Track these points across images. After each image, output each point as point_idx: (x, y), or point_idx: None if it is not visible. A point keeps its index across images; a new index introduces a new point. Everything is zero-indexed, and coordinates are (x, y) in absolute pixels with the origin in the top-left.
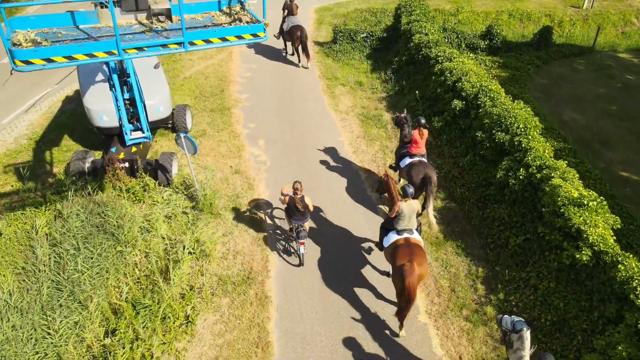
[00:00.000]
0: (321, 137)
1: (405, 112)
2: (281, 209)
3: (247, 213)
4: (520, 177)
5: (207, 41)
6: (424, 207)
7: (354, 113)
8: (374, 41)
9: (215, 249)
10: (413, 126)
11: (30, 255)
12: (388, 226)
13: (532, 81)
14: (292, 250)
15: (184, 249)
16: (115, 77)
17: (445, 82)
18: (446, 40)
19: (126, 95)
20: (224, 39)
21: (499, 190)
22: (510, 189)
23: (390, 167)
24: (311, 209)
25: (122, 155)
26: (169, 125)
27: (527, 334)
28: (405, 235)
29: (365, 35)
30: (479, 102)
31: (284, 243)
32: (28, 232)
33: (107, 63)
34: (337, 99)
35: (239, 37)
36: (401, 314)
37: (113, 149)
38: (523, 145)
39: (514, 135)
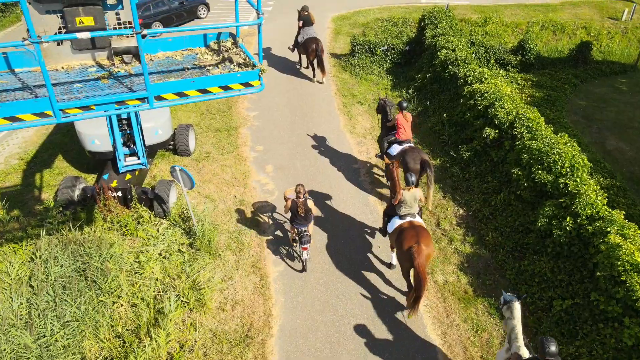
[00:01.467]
0: (335, 164)
1: (386, 96)
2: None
3: (251, 253)
4: (567, 227)
5: (182, 94)
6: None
7: (372, 136)
8: (395, 55)
9: (212, 297)
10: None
11: None
12: (391, 212)
13: (569, 103)
14: (296, 255)
15: (176, 298)
16: None
17: (476, 106)
18: (474, 55)
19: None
20: (204, 91)
21: (540, 240)
22: (554, 240)
23: (377, 156)
24: (314, 213)
25: (114, 184)
26: (170, 147)
27: (516, 305)
28: (409, 219)
29: (385, 48)
30: (514, 132)
31: (287, 248)
32: (2, 276)
33: None
34: (354, 119)
35: (225, 88)
36: (414, 301)
37: (105, 176)
38: (570, 189)
39: (558, 176)
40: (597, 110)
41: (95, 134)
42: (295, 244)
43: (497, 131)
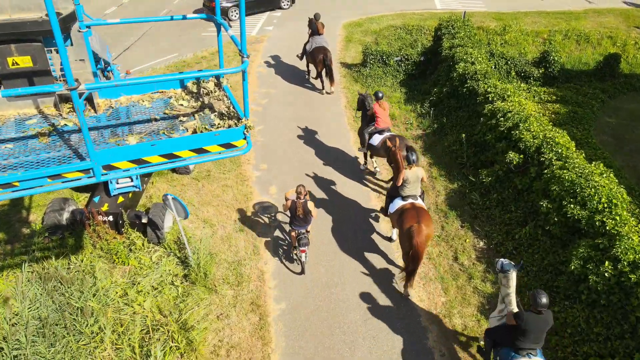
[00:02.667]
0: (343, 187)
1: (366, 92)
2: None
3: (250, 288)
4: (605, 273)
5: (140, 161)
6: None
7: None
8: (409, 66)
9: (205, 339)
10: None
11: None
12: (394, 193)
13: (597, 121)
14: (295, 258)
15: (165, 342)
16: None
17: (498, 127)
18: (494, 67)
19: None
20: (170, 156)
21: (573, 284)
22: (589, 286)
23: (359, 149)
24: (314, 215)
25: (105, 207)
26: None
27: (512, 275)
28: (410, 200)
29: (399, 58)
30: (542, 159)
31: (286, 249)
32: None
33: None
34: None
35: (200, 151)
36: (409, 274)
37: (96, 199)
38: (608, 228)
39: (593, 212)
40: (628, 129)
41: None
42: (294, 250)
43: (521, 156)
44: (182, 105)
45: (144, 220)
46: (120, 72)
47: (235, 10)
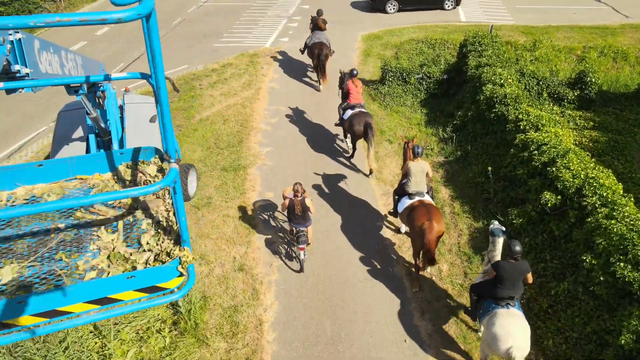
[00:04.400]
0: (354, 222)
1: (345, 71)
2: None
3: (246, 340)
4: None
5: (5, 325)
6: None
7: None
8: (431, 84)
9: None
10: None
11: None
12: (400, 192)
13: None
14: (294, 255)
15: None
16: (92, 137)
17: (531, 161)
18: (524, 87)
19: None
20: (50, 314)
21: None
22: None
23: (335, 124)
24: (313, 212)
25: None
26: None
27: (499, 239)
28: (418, 198)
29: (420, 76)
30: (583, 202)
31: (286, 247)
32: None
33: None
34: (381, 161)
35: (107, 301)
36: (418, 270)
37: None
38: None
39: None
40: None
41: None
42: (294, 246)
43: (559, 197)
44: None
45: None
46: (115, 91)
47: (392, 3)
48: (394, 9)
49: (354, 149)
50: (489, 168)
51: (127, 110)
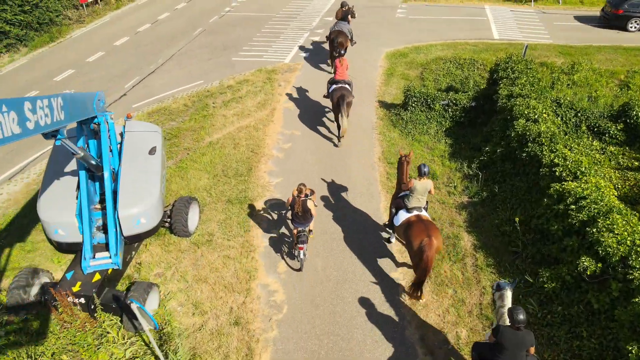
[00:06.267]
0: (365, 272)
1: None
2: None
3: None
4: None
5: None
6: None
7: None
8: (458, 112)
9: None
10: None
11: None
12: (398, 205)
13: None
14: (295, 255)
15: None
16: (82, 174)
17: (567, 217)
18: (560, 118)
19: (95, 199)
20: None
21: None
22: None
23: (324, 96)
24: (314, 214)
25: (77, 287)
26: (166, 225)
27: (508, 293)
28: (415, 212)
29: (446, 102)
30: (630, 276)
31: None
32: None
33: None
34: None
35: None
36: (419, 283)
37: (68, 275)
38: None
39: None
40: None
41: (60, 222)
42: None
43: (599, 264)
44: None
45: (122, 305)
46: (113, 121)
47: (636, 22)
48: (636, 27)
49: (336, 121)
50: (517, 219)
51: (126, 140)
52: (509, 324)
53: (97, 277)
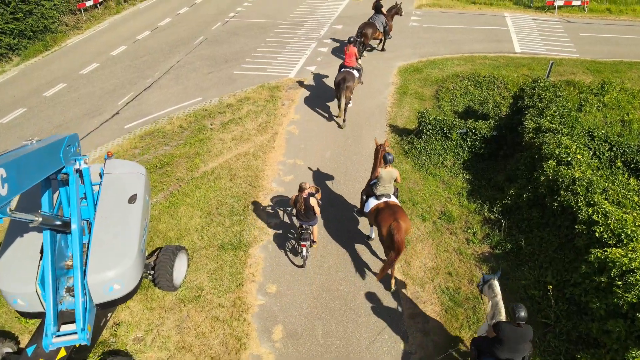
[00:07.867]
0: (374, 342)
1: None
2: None
3: None
4: None
5: None
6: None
7: (435, 285)
8: (477, 141)
9: None
10: None
11: None
12: (368, 193)
13: None
14: (298, 252)
15: None
16: (46, 233)
17: (611, 292)
18: (592, 152)
19: (67, 254)
20: None
21: None
22: None
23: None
24: (317, 212)
25: None
26: (149, 277)
27: (495, 282)
28: (384, 199)
29: (464, 131)
30: None
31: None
32: None
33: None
34: (411, 248)
35: None
36: (390, 266)
37: (29, 350)
38: None
39: None
40: None
41: (20, 292)
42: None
43: None
44: None
45: None
46: (88, 166)
47: None
48: None
49: (337, 100)
50: (550, 288)
51: (104, 183)
52: (509, 320)
53: (63, 353)
